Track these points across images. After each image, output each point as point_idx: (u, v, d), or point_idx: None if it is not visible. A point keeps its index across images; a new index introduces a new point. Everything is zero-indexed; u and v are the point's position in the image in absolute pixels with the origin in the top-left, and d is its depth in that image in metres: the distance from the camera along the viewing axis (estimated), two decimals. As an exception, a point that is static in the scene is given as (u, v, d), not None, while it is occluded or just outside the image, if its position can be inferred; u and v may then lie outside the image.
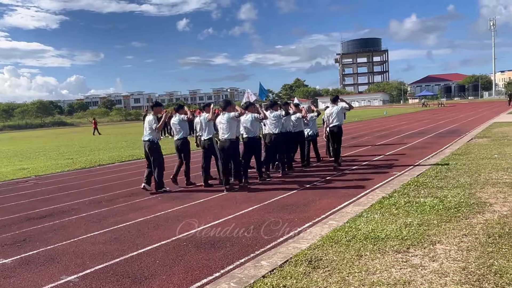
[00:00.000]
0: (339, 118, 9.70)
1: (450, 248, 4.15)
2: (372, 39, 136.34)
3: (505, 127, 16.86)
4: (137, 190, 8.59)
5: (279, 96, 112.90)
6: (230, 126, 7.90)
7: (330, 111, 9.80)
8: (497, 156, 9.53)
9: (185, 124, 8.82)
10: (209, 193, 7.82)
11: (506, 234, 4.41)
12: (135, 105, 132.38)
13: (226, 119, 7.90)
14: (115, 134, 33.85)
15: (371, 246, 4.34)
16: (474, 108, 43.05)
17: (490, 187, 6.59)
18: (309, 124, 10.49)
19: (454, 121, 24.00)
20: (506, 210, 5.28)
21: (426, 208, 5.56)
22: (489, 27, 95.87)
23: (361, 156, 11.54)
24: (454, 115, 31.62)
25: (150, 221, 6.11)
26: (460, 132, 16.80)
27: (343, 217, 5.52)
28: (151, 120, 8.22)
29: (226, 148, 7.98)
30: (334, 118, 9.68)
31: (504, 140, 12.50)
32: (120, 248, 4.95)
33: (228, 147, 7.93)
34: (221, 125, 7.99)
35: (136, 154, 15.96)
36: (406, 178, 7.86)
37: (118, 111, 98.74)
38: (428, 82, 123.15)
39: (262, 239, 4.92)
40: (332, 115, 9.72)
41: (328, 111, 9.89)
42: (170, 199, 7.55)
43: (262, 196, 7.25)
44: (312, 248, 4.41)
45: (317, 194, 7.12)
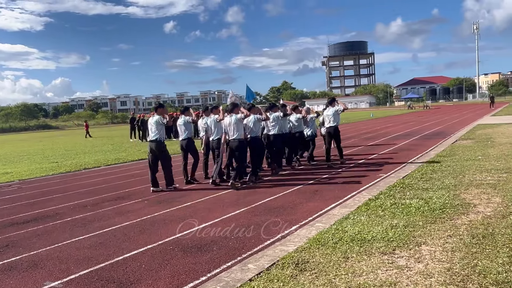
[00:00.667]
0: (335, 119, 10.27)
1: (435, 249, 4.19)
2: (359, 42, 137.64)
3: (488, 129, 17.13)
4: (123, 194, 8.51)
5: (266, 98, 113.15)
6: (238, 127, 8.41)
7: (327, 113, 10.42)
8: (480, 157, 9.68)
9: (190, 125, 9.25)
10: (197, 195, 7.78)
11: (489, 234, 4.47)
12: (121, 108, 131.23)
13: (234, 121, 8.38)
14: (101, 137, 33.51)
15: (358, 248, 4.35)
16: (458, 110, 43.69)
17: (474, 188, 6.69)
18: (309, 124, 10.82)
19: (439, 123, 24.31)
20: (489, 211, 5.36)
21: (411, 210, 5.61)
22: (473, 30, 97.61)
23: (349, 158, 11.59)
24: (439, 117, 32.04)
25: (136, 225, 6.05)
26: (445, 134, 17.02)
27: (330, 219, 5.54)
28: (158, 119, 8.54)
29: (235, 147, 8.46)
30: (331, 119, 10.27)
31: (488, 141, 12.69)
32: (106, 252, 4.89)
33: (237, 146, 8.43)
34: (230, 127, 8.45)
35: (122, 157, 15.82)
36: (392, 180, 7.92)
37: (104, 114, 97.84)
38: (414, 84, 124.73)
39: (249, 242, 4.91)
40: (329, 116, 10.32)
41: (325, 113, 10.54)
42: (157, 202, 7.49)
43: (250, 198, 7.24)
44: (299, 250, 4.41)
45: (304, 197, 7.13)
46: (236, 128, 8.39)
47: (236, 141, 8.42)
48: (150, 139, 8.68)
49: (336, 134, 10.29)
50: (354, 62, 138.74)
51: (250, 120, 8.68)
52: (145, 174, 11.13)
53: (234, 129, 8.39)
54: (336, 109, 10.27)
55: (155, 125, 8.57)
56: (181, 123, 9.24)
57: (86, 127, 35.14)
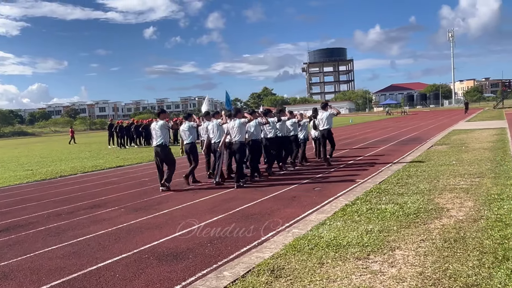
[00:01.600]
0: (328, 122, 11.13)
1: (408, 253, 4.25)
2: (338, 48, 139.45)
3: (462, 135, 17.54)
4: (99, 202, 8.37)
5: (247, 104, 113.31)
6: (240, 131, 8.97)
7: (321, 117, 11.20)
8: (455, 162, 9.89)
9: (193, 130, 9.76)
10: (175, 203, 7.71)
11: (461, 238, 4.56)
12: (100, 114, 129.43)
13: (238, 125, 8.93)
14: (79, 144, 32.93)
15: (333, 253, 4.39)
16: (435, 116, 44.62)
17: (447, 192, 6.82)
18: (302, 128, 11.57)
19: (416, 129, 24.77)
20: (462, 215, 5.47)
21: (386, 215, 5.69)
22: (448, 38, 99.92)
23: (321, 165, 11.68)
24: (416, 122, 32.65)
25: (112, 233, 5.96)
26: (421, 139, 17.35)
27: (307, 225, 5.57)
28: (162, 124, 8.99)
29: (236, 149, 9.01)
30: (324, 122, 11.11)
31: (462, 147, 12.99)
32: (79, 262, 4.79)
33: (238, 148, 9.00)
34: (233, 130, 9.02)
35: (99, 164, 15.58)
36: (369, 185, 8.02)
37: (82, 120, 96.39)
38: (392, 91, 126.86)
39: (226, 249, 4.89)
40: (322, 120, 11.14)
41: (319, 117, 11.27)
42: (133, 210, 7.40)
43: (227, 206, 7.22)
44: (275, 257, 4.42)
45: (282, 203, 7.15)
46: (239, 132, 8.94)
47: (238, 143, 8.97)
48: (155, 143, 9.07)
49: (329, 135, 11.08)
50: (333, 69, 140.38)
51: (251, 124, 9.23)
52: (123, 181, 11.02)
53: (236, 132, 8.95)
54: (330, 113, 11.08)
55: (160, 129, 8.96)
56: (186, 128, 9.67)
57: (72, 133, 34.75)
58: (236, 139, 8.99)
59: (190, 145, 9.68)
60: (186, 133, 9.70)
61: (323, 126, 11.11)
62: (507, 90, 62.14)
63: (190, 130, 9.65)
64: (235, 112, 9.31)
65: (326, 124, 11.09)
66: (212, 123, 9.68)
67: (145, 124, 25.26)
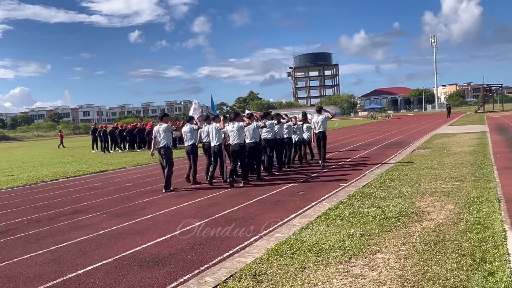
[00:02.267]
0: (323, 125, 11.61)
1: (389, 256, 4.30)
2: (323, 53, 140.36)
3: (444, 139, 17.82)
4: (81, 207, 8.26)
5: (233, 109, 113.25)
6: (239, 134, 9.47)
7: (316, 120, 11.66)
8: (436, 166, 10.03)
9: (195, 132, 10.20)
10: (158, 208, 7.66)
11: (440, 241, 4.63)
12: (84, 118, 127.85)
13: (236, 128, 9.42)
14: (62, 148, 32.47)
15: (315, 257, 4.40)
16: (418, 120, 45.23)
17: (429, 196, 6.92)
18: (297, 131, 12.25)
19: (400, 133, 25.07)
20: (442, 218, 5.55)
21: (368, 218, 5.73)
22: (431, 43, 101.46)
23: (309, 168, 11.75)
24: (400, 127, 33.06)
25: (93, 239, 5.88)
26: (404, 143, 17.56)
27: (290, 230, 5.58)
28: (166, 127, 9.41)
29: (236, 150, 9.52)
30: (320, 125, 11.56)
31: (444, 150, 13.19)
32: (58, 269, 4.72)
33: (238, 150, 9.50)
34: (231, 133, 9.51)
35: (82, 169, 15.38)
36: (352, 189, 8.08)
37: (66, 124, 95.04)
38: (377, 95, 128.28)
39: (208, 254, 4.87)
40: (318, 123, 11.60)
41: (314, 120, 11.75)
42: (116, 216, 7.31)
43: (210, 210, 7.19)
44: (257, 262, 4.42)
45: (265, 207, 7.16)
46: (238, 135, 9.45)
47: (237, 145, 9.49)
48: (159, 145, 9.42)
49: (324, 138, 11.59)
50: (319, 73, 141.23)
51: (250, 128, 9.68)
52: (106, 187, 10.91)
53: (235, 135, 9.45)
54: (325, 116, 11.66)
55: (163, 132, 9.36)
56: (187, 130, 10.14)
57: (61, 137, 34.75)
58: (235, 142, 9.48)
59: (191, 146, 10.16)
60: (187, 135, 10.15)
61: (319, 129, 11.60)
62: (488, 95, 63.37)
63: (191, 132, 10.12)
64: (234, 116, 9.82)
65: (322, 127, 11.59)
66: (212, 126, 10.04)
67: (129, 128, 25.05)
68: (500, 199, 6.36)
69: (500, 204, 6.05)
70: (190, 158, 10.18)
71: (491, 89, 63.08)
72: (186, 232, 5.90)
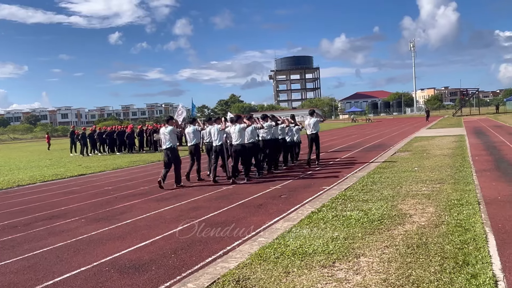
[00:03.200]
0: (316, 127, 12.53)
1: (372, 260, 4.28)
2: (304, 57, 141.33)
3: (424, 142, 18.08)
4: (58, 212, 8.04)
5: (214, 111, 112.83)
6: (241, 135, 10.11)
7: (308, 122, 12.58)
8: (417, 169, 10.15)
9: (198, 133, 10.87)
10: (138, 212, 7.50)
11: (423, 244, 4.64)
12: (62, 120, 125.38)
13: (238, 129, 10.07)
14: (39, 151, 31.75)
15: (299, 262, 4.36)
16: (398, 123, 45.90)
17: (410, 198, 6.97)
18: (289, 133, 12.71)
19: (380, 136, 25.35)
20: (424, 221, 5.59)
21: (352, 222, 5.73)
22: (410, 48, 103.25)
23: (291, 171, 11.74)
24: (380, 130, 33.45)
25: (71, 245, 5.71)
26: (385, 146, 17.75)
27: (273, 234, 5.53)
28: (171, 130, 10.01)
29: (238, 150, 10.20)
30: (312, 127, 12.45)
31: (423, 153, 13.37)
32: (34, 277, 4.55)
33: (240, 150, 10.18)
34: (233, 134, 10.18)
35: (60, 173, 15.03)
36: (335, 192, 8.09)
37: (43, 127, 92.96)
38: (357, 98, 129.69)
39: (190, 260, 4.77)
40: (310, 125, 12.50)
41: (307, 122, 12.67)
42: (95, 221, 7.14)
43: (192, 214, 7.09)
44: (240, 267, 4.35)
45: (248, 211, 7.09)
46: (239, 135, 10.10)
47: (239, 145, 10.15)
48: (165, 146, 10.04)
49: (317, 139, 12.54)
50: (300, 76, 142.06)
51: (249, 129, 10.29)
52: (84, 191, 10.66)
53: (237, 136, 10.09)
54: (317, 119, 12.55)
55: (169, 134, 9.97)
56: (191, 131, 10.79)
57: (48, 139, 34.37)
58: (237, 142, 10.16)
59: (195, 146, 10.84)
60: (190, 136, 10.82)
61: (312, 131, 12.48)
62: (465, 99, 64.75)
63: (194, 133, 10.78)
64: (236, 118, 10.50)
65: (314, 129, 12.48)
66: (214, 127, 10.67)
67: (109, 131, 24.65)
68: (479, 201, 6.46)
69: (480, 206, 6.14)
70: (194, 157, 10.87)
71: (467, 93, 64.48)
72: (168, 237, 5.78)
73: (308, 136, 12.59)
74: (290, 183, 9.64)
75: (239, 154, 10.30)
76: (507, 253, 4.22)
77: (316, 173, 11.04)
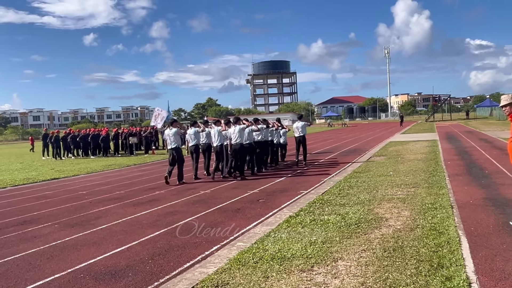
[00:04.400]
0: (303, 130, 13.78)
1: (350, 264, 4.33)
2: (282, 61, 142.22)
3: (398, 146, 18.45)
4: (30, 217, 7.81)
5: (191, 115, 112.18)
6: (241, 135, 11.13)
7: (296, 125, 13.88)
8: (392, 173, 10.33)
9: (198, 134, 11.74)
10: (114, 217, 7.36)
11: (399, 247, 4.72)
12: (34, 123, 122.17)
13: (238, 130, 11.10)
14: (9, 154, 30.83)
15: (278, 266, 4.37)
16: (373, 128, 46.68)
17: (386, 202, 7.09)
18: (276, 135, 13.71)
19: (356, 141, 25.72)
20: (399, 225, 5.69)
21: (329, 226, 5.78)
22: (384, 54, 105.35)
23: (268, 176, 11.77)
24: (355, 134, 33.94)
25: (44, 252, 5.56)
26: (361, 150, 18.02)
27: (251, 238, 5.52)
28: (176, 131, 11.12)
29: (237, 149, 11.16)
30: (300, 130, 13.71)
31: (398, 158, 13.63)
32: (5, 285, 4.40)
33: (239, 149, 11.16)
34: (233, 134, 11.18)
35: (32, 177, 14.62)
36: (312, 196, 8.15)
37: (14, 129, 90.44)
38: (333, 103, 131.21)
39: (168, 265, 4.71)
40: (298, 128, 13.76)
41: (295, 125, 13.96)
42: (69, 226, 6.97)
43: (170, 219, 7.01)
44: (219, 272, 4.32)
45: (226, 215, 7.06)
46: (239, 135, 11.12)
47: (238, 144, 11.16)
48: (170, 147, 11.16)
49: (304, 141, 13.69)
50: (277, 81, 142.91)
51: (246, 131, 11.29)
52: (57, 195, 10.41)
53: (237, 136, 11.12)
54: (304, 123, 13.98)
55: (173, 135, 11.04)
56: (192, 133, 11.71)
57: (32, 141, 34.37)
58: (236, 142, 11.15)
59: (195, 147, 11.83)
60: (191, 137, 11.76)
61: (299, 133, 13.66)
62: (437, 105, 66.42)
63: (195, 134, 11.70)
64: (235, 120, 11.64)
65: (302, 132, 13.68)
66: (214, 129, 11.67)
67: (83, 134, 24.15)
68: (452, 205, 6.62)
69: (453, 210, 6.30)
70: (193, 157, 11.86)
71: (440, 99, 66.14)
72: (144, 242, 5.70)
73: (296, 138, 13.71)
74: (268, 187, 9.66)
75: (238, 152, 11.25)
76: (479, 256, 4.34)
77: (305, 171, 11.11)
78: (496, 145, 16.52)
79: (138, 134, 25.30)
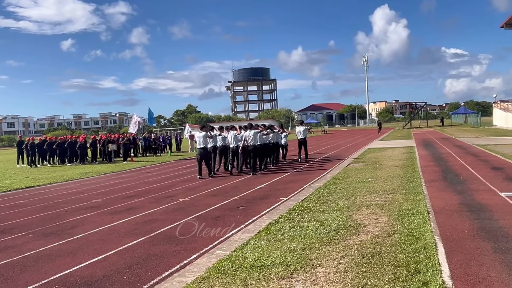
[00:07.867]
0: (304, 134, 16.42)
1: (329, 270, 4.35)
2: (262, 68, 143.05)
3: (377, 153, 18.71)
4: (3, 227, 7.59)
5: (171, 122, 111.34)
6: (255, 137, 13.38)
7: (299, 130, 16.56)
8: (370, 179, 10.46)
9: (206, 139, 13.29)
10: (91, 226, 7.22)
11: (377, 253, 4.77)
12: (8, 129, 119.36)
13: (253, 134, 13.39)
14: None
15: (257, 274, 4.35)
16: (352, 135, 47.24)
17: (364, 209, 7.16)
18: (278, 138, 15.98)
19: (335, 147, 25.97)
20: (378, 231, 5.75)
21: (309, 232, 5.80)
22: (363, 62, 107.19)
23: (249, 183, 11.76)
24: (335, 141, 34.28)
25: (17, 262, 5.40)
26: (340, 157, 18.19)
27: (231, 246, 5.49)
28: (204, 134, 13.11)
29: (251, 149, 13.50)
30: (302, 134, 16.33)
31: (376, 164, 13.82)
32: (-25, 298, 4.26)
33: (253, 149, 13.49)
34: (249, 137, 13.37)
35: (5, 185, 14.23)
36: (292, 203, 8.17)
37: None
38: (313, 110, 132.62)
39: (146, 275, 4.64)
40: (300, 132, 16.39)
41: (297, 130, 16.74)
42: (43, 235, 6.79)
43: (148, 227, 6.91)
44: (198, 281, 4.28)
45: (205, 223, 7.01)
46: (253, 138, 13.37)
47: (252, 146, 13.41)
48: (199, 146, 13.09)
49: (305, 143, 16.41)
50: (257, 88, 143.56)
51: (259, 134, 13.50)
52: (32, 204, 10.16)
53: (252, 138, 13.37)
54: (305, 128, 16.66)
55: (202, 138, 13.03)
56: (201, 136, 13.14)
57: None
58: (251, 143, 13.36)
59: (203, 149, 13.23)
60: (200, 139, 13.13)
61: (301, 136, 16.31)
62: (414, 112, 67.79)
63: (204, 138, 13.13)
64: (250, 126, 13.78)
65: (303, 135, 16.34)
66: (231, 133, 13.72)
67: (59, 141, 23.67)
68: (429, 210, 6.74)
69: (429, 215, 6.40)
70: (202, 159, 13.16)
71: (416, 106, 67.56)
72: (122, 251, 5.60)
73: (298, 140, 16.47)
74: (248, 194, 9.65)
75: (252, 151, 13.49)
76: (455, 260, 4.41)
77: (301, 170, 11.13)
78: (471, 152, 16.93)
79: (116, 141, 24.95)
